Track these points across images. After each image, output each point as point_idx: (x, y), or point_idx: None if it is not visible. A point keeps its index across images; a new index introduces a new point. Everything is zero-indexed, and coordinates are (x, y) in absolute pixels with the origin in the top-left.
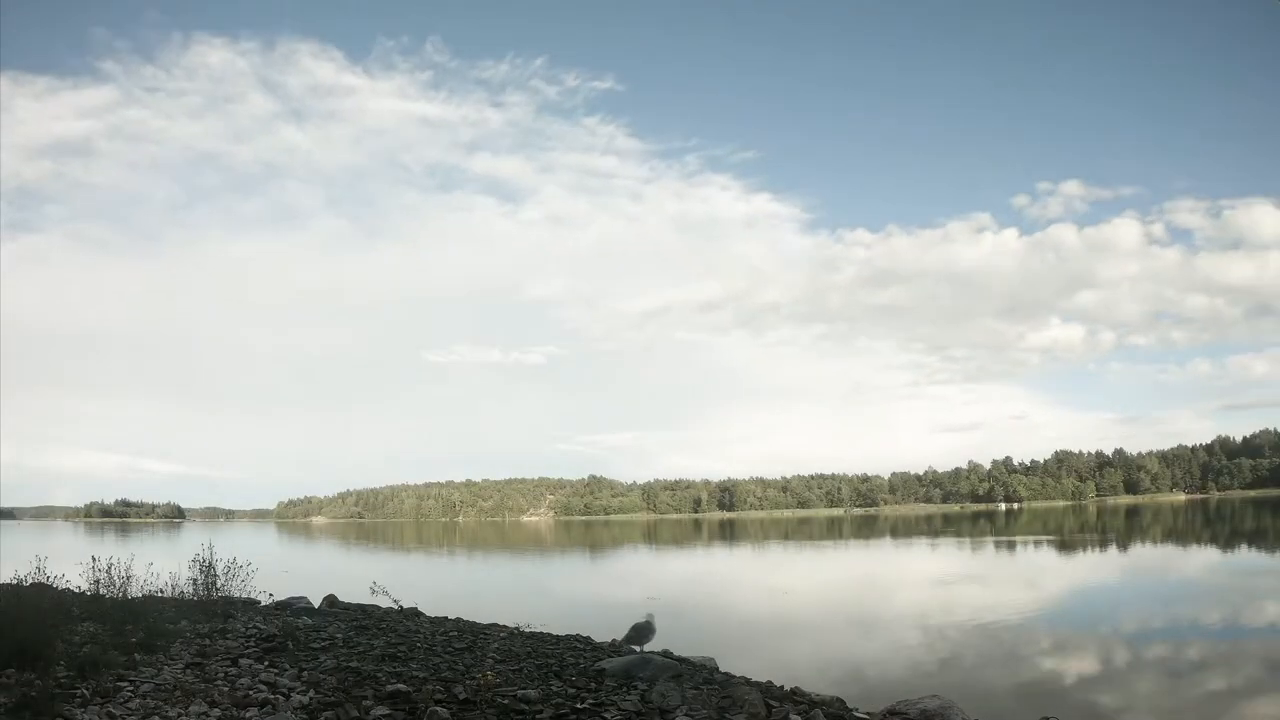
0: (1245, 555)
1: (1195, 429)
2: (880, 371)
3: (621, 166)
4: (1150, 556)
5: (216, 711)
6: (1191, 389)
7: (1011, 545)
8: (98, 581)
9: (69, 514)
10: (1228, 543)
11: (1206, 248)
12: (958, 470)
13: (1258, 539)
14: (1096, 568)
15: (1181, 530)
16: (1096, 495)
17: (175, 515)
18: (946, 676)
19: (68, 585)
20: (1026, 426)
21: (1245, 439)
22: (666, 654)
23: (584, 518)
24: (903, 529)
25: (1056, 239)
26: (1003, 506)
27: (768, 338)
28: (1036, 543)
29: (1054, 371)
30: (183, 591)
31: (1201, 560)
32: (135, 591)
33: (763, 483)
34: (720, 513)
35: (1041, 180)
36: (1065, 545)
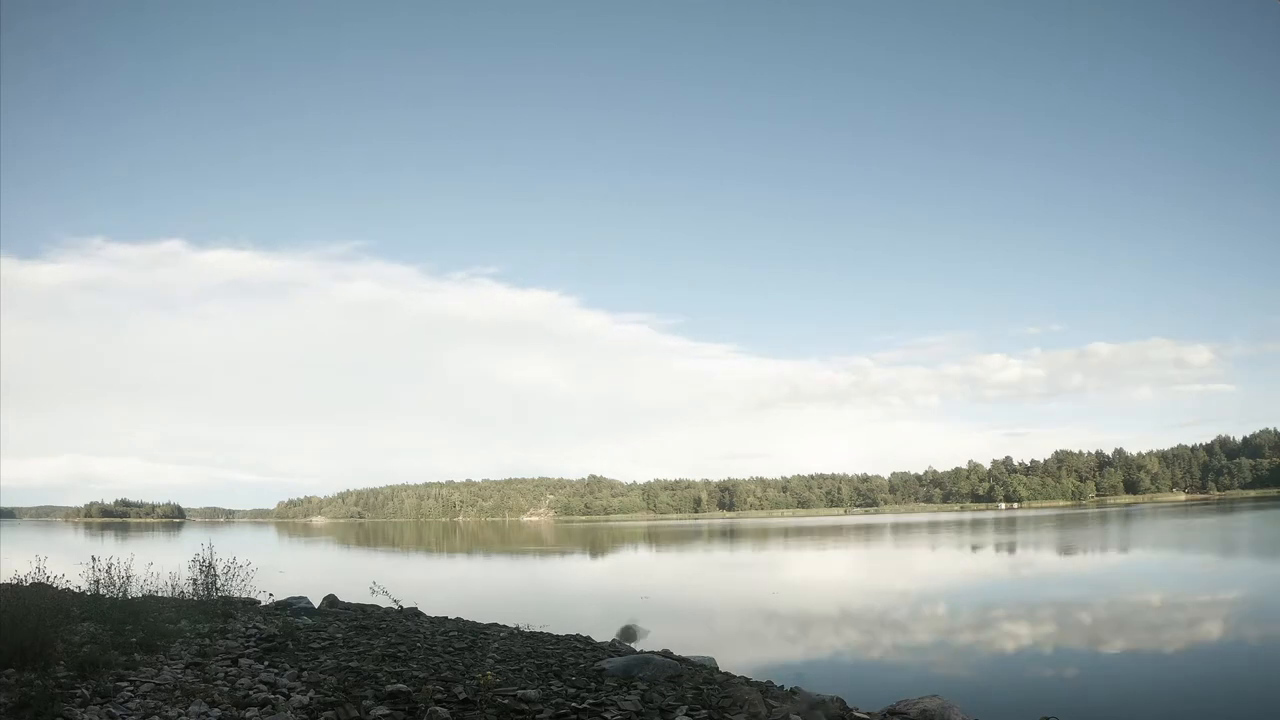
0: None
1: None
2: (800, 412)
3: (407, 279)
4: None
5: (216, 711)
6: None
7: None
8: (98, 581)
9: (69, 514)
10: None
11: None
12: (958, 470)
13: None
14: (1095, 566)
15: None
16: (1096, 495)
17: (175, 515)
18: (946, 676)
19: (68, 585)
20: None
21: (1245, 439)
22: (666, 654)
23: (584, 517)
24: (902, 530)
25: (869, 372)
26: (1003, 506)
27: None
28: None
29: (928, 412)
30: (183, 591)
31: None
32: (135, 591)
33: (763, 482)
34: (720, 512)
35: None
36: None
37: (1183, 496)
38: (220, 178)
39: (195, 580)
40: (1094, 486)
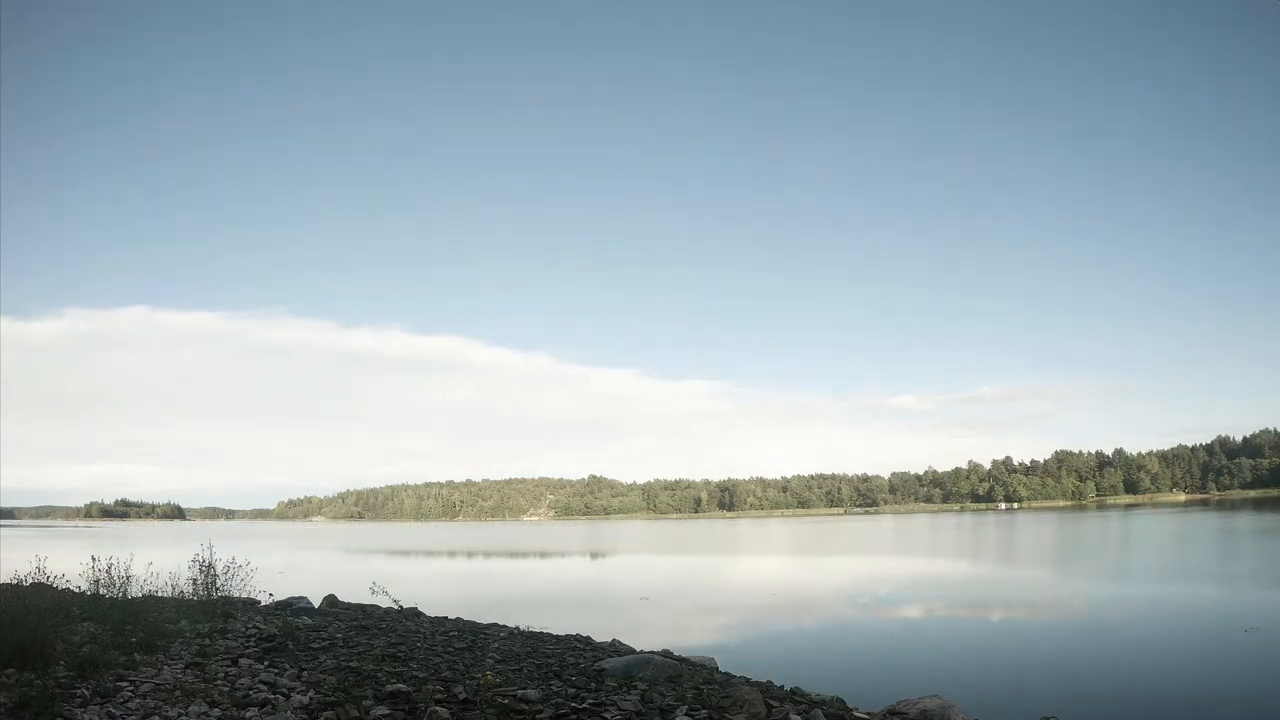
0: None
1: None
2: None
3: (325, 329)
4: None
5: (216, 711)
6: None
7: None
8: (98, 581)
9: (69, 514)
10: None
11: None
12: (958, 470)
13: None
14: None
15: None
16: (1097, 495)
17: (175, 515)
18: (946, 676)
19: (68, 585)
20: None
21: (1245, 439)
22: (666, 654)
23: (584, 518)
24: (901, 532)
25: (810, 403)
26: (1002, 506)
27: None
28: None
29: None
30: (183, 591)
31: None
32: (135, 591)
33: (763, 482)
34: (720, 513)
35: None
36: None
37: (1183, 497)
38: (169, 257)
39: (195, 580)
40: (1094, 486)
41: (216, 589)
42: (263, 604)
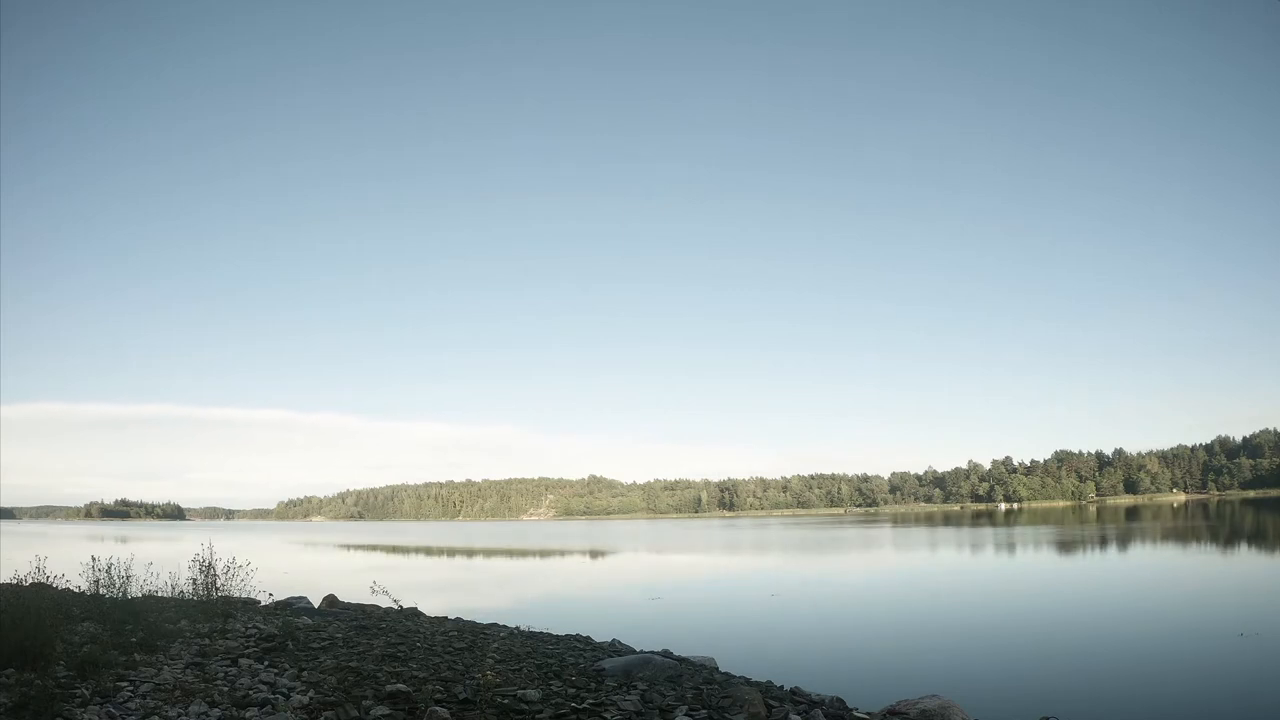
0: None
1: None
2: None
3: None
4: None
5: (216, 711)
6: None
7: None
8: (97, 581)
9: (69, 514)
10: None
11: None
12: (958, 470)
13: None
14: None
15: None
16: (1097, 495)
17: (175, 515)
18: (946, 676)
19: (68, 585)
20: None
21: (1245, 439)
22: (666, 654)
23: (585, 517)
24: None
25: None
26: (1003, 506)
27: None
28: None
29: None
30: (183, 591)
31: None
32: (135, 591)
33: (763, 482)
34: (721, 512)
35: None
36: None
37: (1182, 496)
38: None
39: (195, 580)
40: (1094, 486)
41: (216, 589)
42: (263, 604)
